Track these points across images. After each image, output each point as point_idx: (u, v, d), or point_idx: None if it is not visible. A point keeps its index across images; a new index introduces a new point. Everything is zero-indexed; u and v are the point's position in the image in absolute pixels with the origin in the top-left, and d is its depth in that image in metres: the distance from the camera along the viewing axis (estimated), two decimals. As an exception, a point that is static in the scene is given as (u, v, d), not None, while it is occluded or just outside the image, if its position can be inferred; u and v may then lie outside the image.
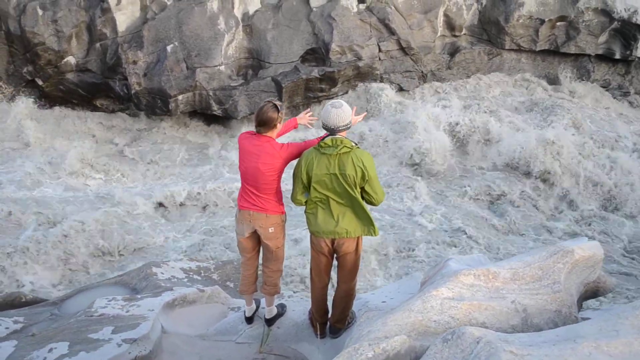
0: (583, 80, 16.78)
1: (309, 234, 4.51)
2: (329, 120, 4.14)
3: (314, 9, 14.97)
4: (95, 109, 14.98)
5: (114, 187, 12.11)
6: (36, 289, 8.61)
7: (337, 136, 4.16)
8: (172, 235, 10.54)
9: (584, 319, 3.78)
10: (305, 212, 4.42)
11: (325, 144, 4.16)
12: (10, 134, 13.68)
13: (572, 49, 16.33)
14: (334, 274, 4.66)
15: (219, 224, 10.99)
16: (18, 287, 8.59)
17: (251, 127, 4.86)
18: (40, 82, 14.40)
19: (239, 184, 6.24)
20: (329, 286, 4.76)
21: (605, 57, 16.64)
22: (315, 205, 4.31)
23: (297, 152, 4.38)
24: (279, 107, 4.35)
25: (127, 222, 10.71)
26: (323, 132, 4.38)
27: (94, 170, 12.84)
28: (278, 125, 4.38)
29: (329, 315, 4.73)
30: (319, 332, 4.71)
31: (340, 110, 4.14)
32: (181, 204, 11.58)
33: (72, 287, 8.62)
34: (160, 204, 11.54)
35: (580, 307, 4.45)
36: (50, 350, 4.40)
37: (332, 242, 4.33)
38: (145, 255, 9.81)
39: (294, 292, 8.25)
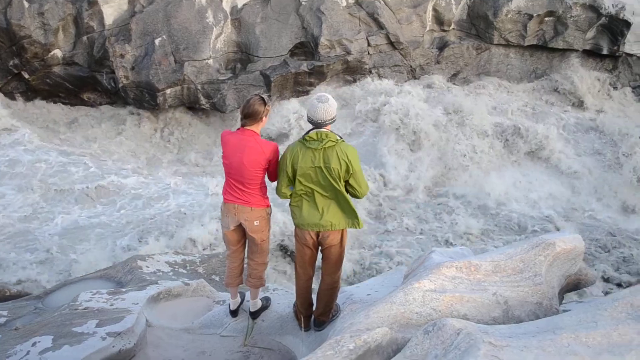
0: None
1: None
2: (315, 115, 4.15)
3: (303, 3, 14.91)
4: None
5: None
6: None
7: (322, 130, 4.17)
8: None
9: (565, 311, 3.83)
10: (289, 205, 4.43)
11: (310, 137, 4.17)
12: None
13: (560, 44, 16.38)
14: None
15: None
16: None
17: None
18: (26, 76, 14.24)
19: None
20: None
21: (593, 53, 16.72)
22: (300, 198, 4.32)
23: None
24: (265, 101, 4.38)
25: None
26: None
27: None
28: (264, 118, 4.40)
29: (314, 308, 4.74)
30: (303, 325, 4.72)
31: (327, 104, 4.16)
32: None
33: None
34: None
35: (562, 299, 4.50)
36: (34, 344, 4.39)
37: (317, 234, 4.34)
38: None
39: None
